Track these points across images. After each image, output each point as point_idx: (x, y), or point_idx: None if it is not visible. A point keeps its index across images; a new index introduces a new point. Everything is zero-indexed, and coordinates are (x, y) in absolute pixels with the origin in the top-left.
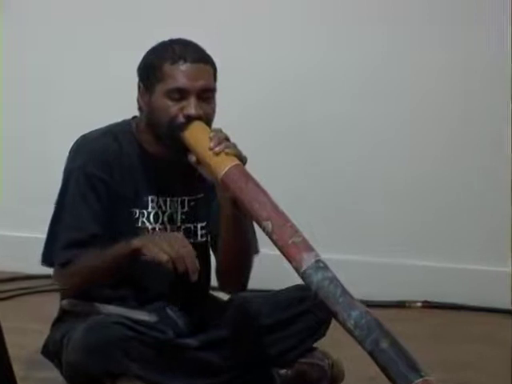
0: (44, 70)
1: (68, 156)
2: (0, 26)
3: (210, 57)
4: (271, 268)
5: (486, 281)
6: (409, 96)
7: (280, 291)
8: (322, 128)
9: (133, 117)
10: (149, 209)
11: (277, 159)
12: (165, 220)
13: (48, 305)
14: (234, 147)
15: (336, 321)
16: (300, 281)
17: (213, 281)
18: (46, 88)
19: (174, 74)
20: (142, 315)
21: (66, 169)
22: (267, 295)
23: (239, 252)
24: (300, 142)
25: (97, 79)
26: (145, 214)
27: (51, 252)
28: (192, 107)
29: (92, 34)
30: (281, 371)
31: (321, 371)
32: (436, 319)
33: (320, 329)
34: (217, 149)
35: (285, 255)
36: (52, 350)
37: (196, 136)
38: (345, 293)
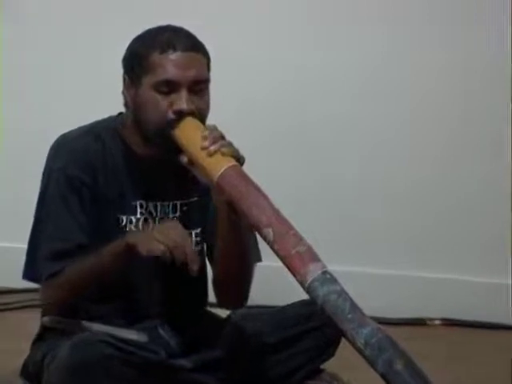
0: (44, 70)
1: (47, 157)
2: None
3: (203, 44)
4: (275, 281)
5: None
6: (409, 96)
7: (285, 307)
8: (322, 128)
9: (119, 113)
10: (137, 215)
11: (276, 161)
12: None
13: (28, 322)
14: (231, 146)
15: (345, 339)
16: (306, 296)
17: (211, 296)
18: (46, 88)
19: (163, 65)
20: (131, 334)
21: (45, 171)
22: (270, 311)
23: (238, 261)
24: (300, 143)
25: (97, 79)
26: (133, 221)
27: (34, 265)
28: (183, 101)
29: (92, 34)
30: None
31: None
32: (456, 337)
33: (328, 348)
34: (211, 148)
35: (288, 267)
36: (32, 371)
37: (188, 134)
38: (354, 308)
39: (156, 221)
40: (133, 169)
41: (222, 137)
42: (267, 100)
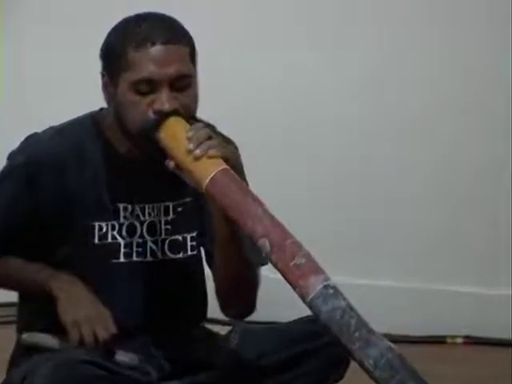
0: (44, 70)
1: (13, 150)
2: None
3: (186, 33)
4: (275, 294)
5: None
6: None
7: (288, 324)
8: (322, 130)
9: (100, 108)
10: (120, 219)
11: (272, 165)
12: (144, 232)
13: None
14: (220, 146)
15: (352, 360)
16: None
17: (210, 311)
18: (47, 89)
19: (139, 62)
20: (120, 355)
21: (4, 168)
22: (273, 328)
23: (239, 266)
24: (298, 147)
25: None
26: (115, 227)
27: None
28: (164, 101)
29: (92, 34)
30: None
31: None
32: (479, 357)
33: (337, 369)
34: (197, 152)
35: (287, 280)
36: None
37: (172, 136)
38: (361, 325)
39: (144, 225)
40: (115, 169)
41: (210, 136)
42: (258, 103)
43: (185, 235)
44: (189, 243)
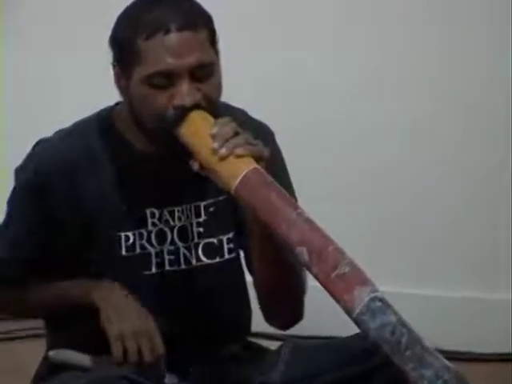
0: (44, 71)
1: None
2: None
3: (203, 14)
4: (326, 306)
5: None
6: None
7: (346, 339)
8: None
9: (116, 103)
10: (148, 227)
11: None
12: (175, 238)
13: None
14: (247, 144)
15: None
16: None
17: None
18: (47, 89)
19: (153, 53)
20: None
21: (14, 176)
22: (328, 344)
23: (281, 268)
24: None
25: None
26: (144, 235)
27: None
28: (184, 95)
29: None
30: None
31: None
32: None
33: None
34: (222, 151)
35: (329, 292)
36: None
37: (195, 133)
38: (413, 343)
39: (175, 231)
40: (137, 170)
41: (236, 132)
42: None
43: (220, 237)
44: (225, 246)
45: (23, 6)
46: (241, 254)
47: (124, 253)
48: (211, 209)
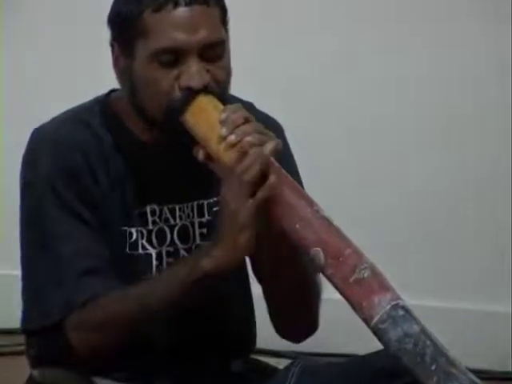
0: (45, 71)
1: (23, 163)
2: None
3: None
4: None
5: None
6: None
7: (362, 358)
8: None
9: (110, 90)
10: (149, 225)
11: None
12: (175, 238)
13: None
14: (258, 132)
15: None
16: None
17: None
18: (47, 90)
19: (161, 27)
20: None
21: (26, 183)
22: (343, 363)
23: (293, 273)
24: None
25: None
26: (144, 234)
27: (45, 306)
28: (193, 74)
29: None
30: None
31: None
32: None
33: None
34: (231, 138)
35: (346, 299)
36: None
37: (202, 119)
38: (439, 355)
39: (175, 230)
40: (137, 163)
41: (247, 119)
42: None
43: None
44: None
45: (23, 6)
46: (247, 260)
47: (128, 250)
48: (215, 208)
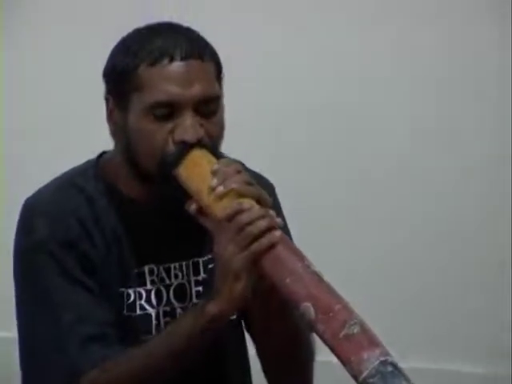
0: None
1: (17, 232)
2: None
3: (210, 47)
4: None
5: None
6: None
7: None
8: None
9: (100, 154)
10: (147, 285)
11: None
12: (171, 297)
13: None
14: (248, 183)
15: None
16: None
17: None
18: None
19: (156, 81)
20: None
21: (22, 251)
22: None
23: (283, 337)
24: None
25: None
26: (143, 295)
27: (49, 373)
28: (187, 128)
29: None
30: None
31: None
32: None
33: None
34: (220, 189)
35: (335, 354)
36: None
37: (194, 173)
38: None
39: (171, 290)
40: (131, 222)
41: (239, 171)
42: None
43: None
44: None
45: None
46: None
47: (125, 312)
48: (210, 266)
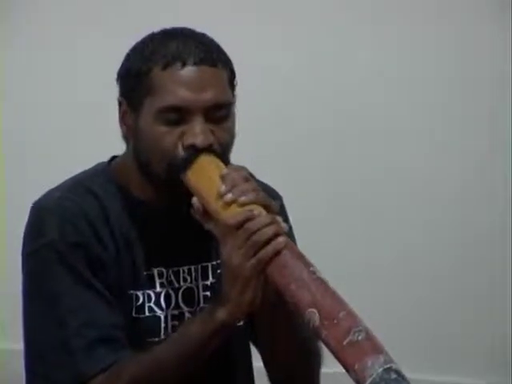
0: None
1: (26, 234)
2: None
3: (224, 54)
4: None
5: None
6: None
7: None
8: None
9: (111, 158)
10: (156, 288)
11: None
12: (179, 301)
13: None
14: (256, 192)
15: None
16: None
17: None
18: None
19: (168, 85)
20: None
21: (32, 252)
22: None
23: (290, 342)
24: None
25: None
26: (152, 297)
27: (56, 376)
28: (197, 133)
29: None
30: None
31: None
32: None
33: None
34: (228, 196)
35: (340, 361)
36: None
37: (203, 177)
38: None
39: (179, 293)
40: (143, 226)
41: (247, 179)
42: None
43: None
44: None
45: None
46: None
47: (134, 314)
48: (219, 271)
